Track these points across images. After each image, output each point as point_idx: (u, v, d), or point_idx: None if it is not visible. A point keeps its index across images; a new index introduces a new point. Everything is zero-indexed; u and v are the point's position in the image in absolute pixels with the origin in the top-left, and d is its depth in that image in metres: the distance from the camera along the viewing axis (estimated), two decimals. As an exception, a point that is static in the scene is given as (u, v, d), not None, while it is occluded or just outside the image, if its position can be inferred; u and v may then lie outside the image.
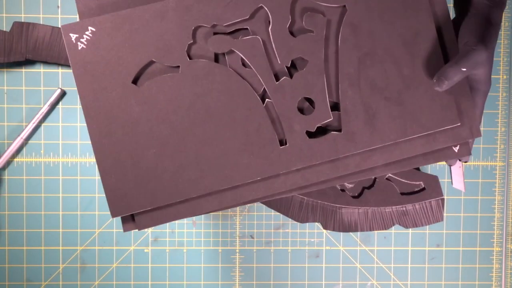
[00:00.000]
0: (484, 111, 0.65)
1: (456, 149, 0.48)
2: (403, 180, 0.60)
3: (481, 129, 0.65)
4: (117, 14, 0.44)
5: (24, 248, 0.63)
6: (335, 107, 0.47)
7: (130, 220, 0.47)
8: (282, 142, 0.46)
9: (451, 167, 0.60)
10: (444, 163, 0.65)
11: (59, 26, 0.62)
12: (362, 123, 0.46)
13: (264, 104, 0.46)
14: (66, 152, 0.63)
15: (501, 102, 0.65)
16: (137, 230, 0.46)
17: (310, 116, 0.46)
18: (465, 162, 0.57)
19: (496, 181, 0.65)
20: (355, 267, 0.65)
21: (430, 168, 0.64)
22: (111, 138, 0.45)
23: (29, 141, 0.63)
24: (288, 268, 0.65)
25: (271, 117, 0.46)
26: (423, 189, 0.60)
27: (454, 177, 0.61)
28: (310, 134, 0.46)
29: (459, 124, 0.47)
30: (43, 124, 0.63)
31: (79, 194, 0.64)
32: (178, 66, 0.45)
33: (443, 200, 0.60)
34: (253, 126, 0.46)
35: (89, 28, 0.44)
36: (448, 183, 0.64)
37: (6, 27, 0.63)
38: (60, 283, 0.64)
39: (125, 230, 0.46)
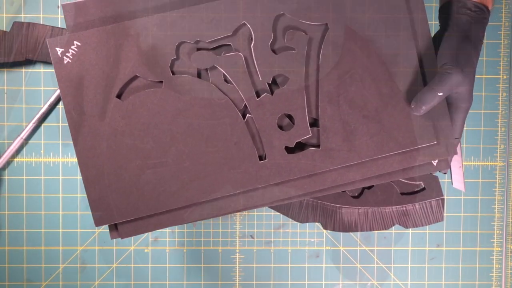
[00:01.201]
0: (484, 111, 0.65)
1: (435, 163, 0.49)
2: (403, 180, 0.60)
3: (481, 129, 0.65)
4: (102, 29, 0.45)
5: (24, 248, 0.63)
6: (314, 123, 0.48)
7: (115, 229, 0.48)
8: (261, 157, 0.47)
9: (451, 167, 0.60)
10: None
11: (59, 26, 0.62)
12: (340, 140, 0.47)
13: (245, 120, 0.46)
14: (66, 152, 0.63)
15: (501, 102, 0.65)
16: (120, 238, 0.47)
17: (290, 132, 0.47)
18: (444, 173, 0.57)
19: (496, 181, 0.65)
20: (355, 267, 0.65)
21: (430, 168, 0.64)
22: (95, 151, 0.46)
23: (29, 141, 0.63)
24: (288, 268, 0.65)
25: (251, 133, 0.47)
26: (423, 189, 0.60)
27: (454, 177, 0.61)
28: (289, 150, 0.47)
29: (435, 142, 0.47)
30: (43, 124, 0.63)
31: (79, 194, 0.64)
32: (161, 81, 0.46)
33: (443, 200, 0.60)
34: (233, 141, 0.46)
35: (75, 42, 0.45)
36: (448, 183, 0.64)
37: (6, 27, 0.63)
38: (60, 283, 0.64)
39: (111, 238, 0.48)
